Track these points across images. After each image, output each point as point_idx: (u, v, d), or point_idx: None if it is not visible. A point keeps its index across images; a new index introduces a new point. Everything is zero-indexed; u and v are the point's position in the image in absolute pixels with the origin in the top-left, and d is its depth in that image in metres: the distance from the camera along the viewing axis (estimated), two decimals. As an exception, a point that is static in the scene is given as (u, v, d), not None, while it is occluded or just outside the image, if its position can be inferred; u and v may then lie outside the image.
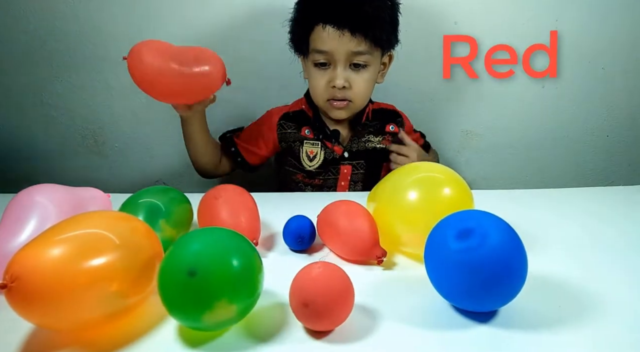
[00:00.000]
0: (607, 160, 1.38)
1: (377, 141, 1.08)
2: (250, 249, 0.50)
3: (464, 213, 0.54)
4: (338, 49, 0.93)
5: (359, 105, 1.02)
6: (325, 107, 1.01)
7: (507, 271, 0.49)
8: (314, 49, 0.96)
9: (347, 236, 0.65)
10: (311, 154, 1.05)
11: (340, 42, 0.92)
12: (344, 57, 0.94)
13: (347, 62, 0.95)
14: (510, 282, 0.50)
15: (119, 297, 0.48)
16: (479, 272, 0.48)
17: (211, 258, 0.47)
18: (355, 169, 1.07)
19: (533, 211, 0.84)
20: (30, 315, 0.45)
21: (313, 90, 1.01)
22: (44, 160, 1.35)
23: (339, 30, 0.92)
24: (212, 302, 0.45)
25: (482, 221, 0.51)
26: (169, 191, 0.71)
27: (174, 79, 0.83)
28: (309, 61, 0.99)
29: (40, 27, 1.23)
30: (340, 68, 0.95)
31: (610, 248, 0.70)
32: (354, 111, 1.03)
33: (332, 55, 0.94)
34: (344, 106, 0.99)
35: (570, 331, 0.50)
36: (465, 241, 0.49)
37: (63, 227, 0.49)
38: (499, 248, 0.49)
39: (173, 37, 1.25)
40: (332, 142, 1.05)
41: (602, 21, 1.25)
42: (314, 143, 1.06)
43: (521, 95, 1.31)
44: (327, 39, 0.93)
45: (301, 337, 0.50)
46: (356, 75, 0.97)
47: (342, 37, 0.92)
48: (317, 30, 0.94)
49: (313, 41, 0.96)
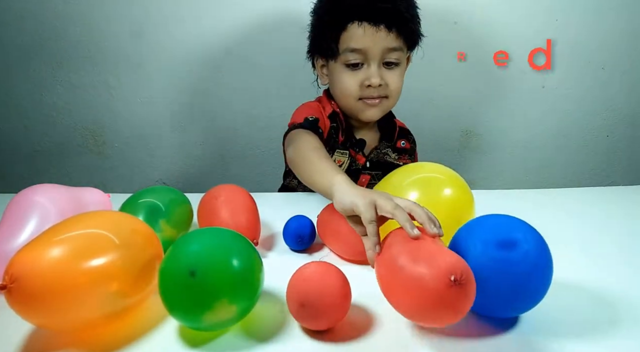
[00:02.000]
0: (607, 160, 1.38)
1: (394, 158, 1.06)
2: (250, 249, 0.50)
3: (501, 220, 0.53)
4: (374, 47, 0.91)
5: (392, 104, 1.00)
6: (357, 107, 0.97)
7: (539, 282, 0.49)
8: (348, 48, 0.93)
9: (347, 236, 0.65)
10: (339, 163, 1.00)
11: (376, 39, 0.91)
12: (379, 55, 0.92)
13: (381, 61, 0.94)
14: (538, 291, 0.50)
15: (119, 297, 0.48)
16: (516, 283, 0.48)
17: (212, 258, 0.47)
18: (372, 179, 1.05)
19: (533, 211, 0.84)
20: (30, 315, 0.45)
21: (343, 92, 0.97)
22: (44, 161, 1.35)
23: (375, 26, 0.90)
24: (213, 303, 0.45)
25: (526, 234, 0.51)
26: (169, 191, 0.71)
27: None
28: (338, 63, 0.96)
29: (40, 27, 1.24)
30: (374, 66, 0.93)
31: (611, 249, 0.70)
32: (385, 110, 1.00)
33: (366, 54, 0.92)
34: (377, 103, 0.96)
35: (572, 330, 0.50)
36: (509, 250, 0.49)
37: (63, 228, 0.49)
38: (538, 262, 0.49)
39: (173, 37, 1.26)
40: (356, 151, 1.02)
41: (602, 22, 1.25)
42: (344, 152, 1.01)
43: (521, 95, 1.31)
44: (363, 36, 0.91)
45: (301, 337, 0.50)
46: (390, 73, 0.95)
47: (378, 33, 0.91)
48: (351, 28, 0.92)
49: (346, 41, 0.93)
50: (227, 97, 1.31)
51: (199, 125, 1.33)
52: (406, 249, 0.48)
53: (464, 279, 0.42)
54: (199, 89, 1.30)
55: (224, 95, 1.30)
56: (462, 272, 0.43)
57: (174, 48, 1.26)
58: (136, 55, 1.26)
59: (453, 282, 0.42)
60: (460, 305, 0.43)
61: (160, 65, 1.27)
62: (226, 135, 1.33)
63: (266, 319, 0.53)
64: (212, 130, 1.33)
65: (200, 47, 1.26)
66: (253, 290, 0.49)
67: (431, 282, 0.43)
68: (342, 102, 0.99)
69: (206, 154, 1.36)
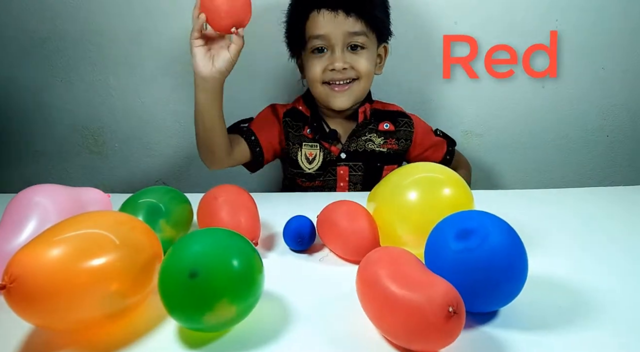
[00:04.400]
0: (607, 160, 1.38)
1: (379, 143, 1.06)
2: (250, 250, 0.50)
3: (464, 213, 0.54)
4: (334, 31, 0.96)
5: (364, 86, 1.01)
6: (325, 93, 1.00)
7: (507, 271, 0.49)
8: (311, 36, 0.98)
9: (347, 236, 0.65)
10: (310, 156, 1.04)
11: (336, 24, 0.95)
12: (341, 40, 0.96)
13: (344, 45, 0.97)
14: (510, 283, 0.49)
15: (119, 297, 0.48)
16: (479, 273, 0.48)
17: (212, 259, 0.47)
18: (352, 171, 1.05)
19: (533, 211, 0.84)
20: (30, 315, 0.45)
21: (310, 78, 1.01)
22: (44, 161, 1.35)
23: (333, 12, 0.95)
24: (213, 303, 0.45)
25: (483, 221, 0.51)
26: (169, 191, 0.71)
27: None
28: (307, 52, 1.00)
29: (40, 27, 1.24)
30: (338, 51, 0.97)
31: (611, 249, 0.70)
32: (358, 96, 1.01)
33: (329, 39, 0.96)
34: (346, 89, 0.99)
35: (570, 332, 0.50)
36: (465, 241, 0.49)
37: (62, 228, 0.49)
38: (499, 249, 0.49)
39: (173, 37, 1.26)
40: (329, 142, 1.05)
41: (602, 21, 1.25)
42: (313, 145, 1.05)
43: (521, 95, 1.31)
44: (323, 23, 0.96)
45: (301, 337, 0.50)
46: (356, 56, 0.98)
47: (336, 17, 0.95)
48: (312, 16, 0.97)
49: (309, 29, 0.98)
50: (227, 97, 1.30)
51: (199, 125, 1.33)
52: (392, 271, 0.47)
53: (459, 308, 0.43)
54: (199, 89, 1.30)
55: (224, 95, 1.30)
56: (457, 302, 0.43)
57: (174, 48, 1.26)
58: (136, 55, 1.26)
59: (452, 313, 0.42)
60: (455, 332, 0.43)
61: (160, 65, 1.27)
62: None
63: (266, 319, 0.53)
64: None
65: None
66: (253, 291, 0.49)
67: (431, 317, 0.42)
68: (312, 90, 1.03)
69: (206, 154, 1.36)
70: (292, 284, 0.60)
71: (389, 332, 0.47)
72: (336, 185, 1.07)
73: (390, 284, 0.45)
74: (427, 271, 0.48)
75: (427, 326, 0.43)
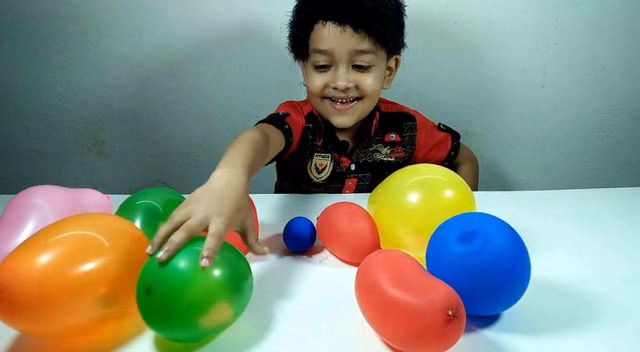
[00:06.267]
0: (607, 160, 1.38)
1: (385, 153, 1.02)
2: None
3: (466, 216, 0.54)
4: (339, 48, 0.87)
5: (368, 106, 0.94)
6: (324, 108, 0.93)
7: (510, 274, 0.48)
8: (314, 49, 0.90)
9: (347, 238, 0.65)
10: (320, 166, 0.98)
11: (342, 40, 0.86)
12: (346, 57, 0.88)
13: (349, 63, 0.89)
14: (513, 286, 0.49)
15: (109, 302, 0.48)
16: (482, 276, 0.48)
17: (165, 275, 0.46)
18: (361, 181, 1.02)
19: (533, 211, 0.84)
20: (19, 324, 0.44)
21: (309, 92, 0.94)
22: (44, 161, 1.35)
23: (340, 26, 0.86)
24: (172, 317, 0.45)
25: (485, 223, 0.51)
26: (167, 192, 0.71)
27: None
28: (309, 64, 0.93)
29: (40, 27, 1.23)
30: (342, 68, 0.88)
31: (611, 249, 0.70)
32: (361, 114, 0.94)
33: (333, 55, 0.88)
34: (349, 109, 0.92)
35: (573, 334, 0.50)
36: (467, 244, 0.49)
37: (51, 231, 0.48)
38: (501, 251, 0.48)
39: (173, 37, 1.26)
40: (339, 153, 0.99)
41: (602, 21, 1.24)
42: (325, 155, 0.98)
43: (521, 95, 1.30)
44: (328, 37, 0.87)
45: (299, 337, 0.50)
46: (362, 75, 0.90)
47: (343, 33, 0.86)
48: (317, 28, 0.89)
49: (313, 41, 0.90)
50: (227, 97, 1.30)
51: (198, 125, 1.33)
52: (392, 275, 0.47)
53: (459, 312, 0.43)
54: (199, 89, 1.30)
55: (224, 96, 1.30)
56: (456, 305, 0.43)
57: (174, 48, 1.26)
58: (136, 55, 1.26)
59: (451, 317, 0.42)
60: (455, 336, 0.43)
61: (160, 65, 1.27)
62: (226, 135, 1.33)
63: (266, 319, 0.52)
64: (212, 130, 1.33)
65: (200, 47, 1.26)
66: (214, 303, 0.46)
67: (430, 320, 0.42)
68: (312, 103, 0.97)
69: (206, 154, 1.36)
70: (292, 286, 0.60)
71: (388, 336, 0.47)
72: (341, 192, 1.03)
73: (389, 287, 0.45)
74: (426, 274, 0.47)
75: (427, 330, 0.43)
